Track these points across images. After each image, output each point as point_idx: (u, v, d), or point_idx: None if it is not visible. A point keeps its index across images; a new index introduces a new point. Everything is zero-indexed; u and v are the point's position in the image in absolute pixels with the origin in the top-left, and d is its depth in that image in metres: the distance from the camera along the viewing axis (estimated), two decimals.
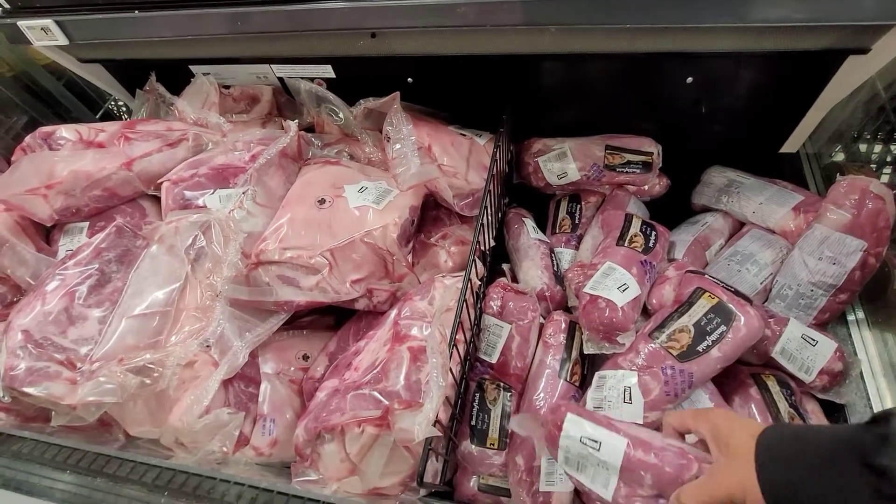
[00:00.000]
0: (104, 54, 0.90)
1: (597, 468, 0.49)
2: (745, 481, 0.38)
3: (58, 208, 0.73)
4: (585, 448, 0.49)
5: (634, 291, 0.64)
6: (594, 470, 0.49)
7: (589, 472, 0.50)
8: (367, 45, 0.74)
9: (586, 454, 0.50)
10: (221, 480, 0.61)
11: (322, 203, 0.72)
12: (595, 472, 0.49)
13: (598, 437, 0.49)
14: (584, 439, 0.49)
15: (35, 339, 0.54)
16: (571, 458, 0.51)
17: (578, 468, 0.50)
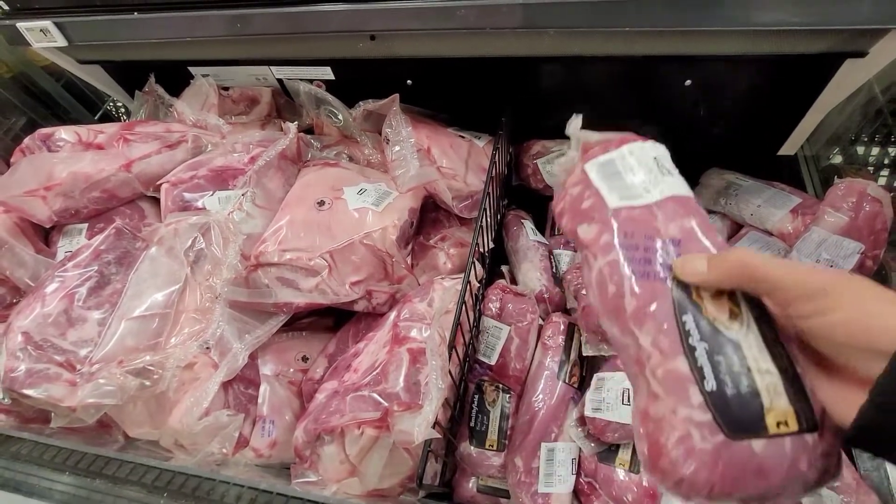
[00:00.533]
0: (103, 56, 0.90)
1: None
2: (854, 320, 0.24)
3: (57, 210, 0.73)
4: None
5: None
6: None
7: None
8: (367, 47, 0.74)
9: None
10: (221, 482, 0.61)
11: (321, 205, 0.72)
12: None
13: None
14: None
15: (35, 341, 0.54)
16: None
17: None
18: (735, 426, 0.26)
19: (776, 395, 0.26)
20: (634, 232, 0.32)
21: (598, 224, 0.34)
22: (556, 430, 0.63)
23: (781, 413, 0.26)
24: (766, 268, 0.27)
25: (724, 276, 0.29)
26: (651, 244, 0.32)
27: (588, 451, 0.61)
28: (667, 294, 0.30)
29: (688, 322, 0.29)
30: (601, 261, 0.33)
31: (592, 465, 0.61)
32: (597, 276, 0.33)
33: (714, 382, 0.26)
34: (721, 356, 0.27)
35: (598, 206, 0.35)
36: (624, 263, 0.32)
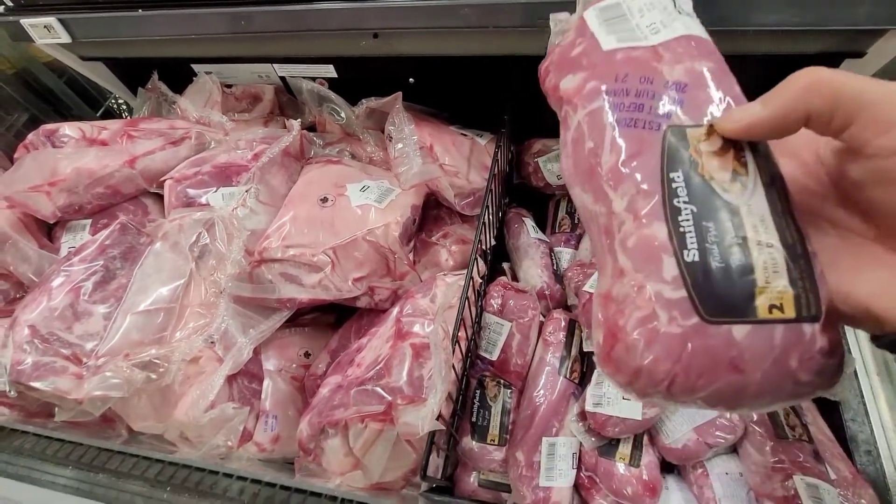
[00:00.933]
0: (106, 52, 0.90)
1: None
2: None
3: (61, 205, 0.73)
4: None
5: None
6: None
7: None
8: (370, 45, 0.75)
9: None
10: (224, 475, 0.61)
11: (324, 201, 0.73)
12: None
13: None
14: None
15: (41, 335, 0.55)
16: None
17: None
18: (715, 306, 0.20)
19: (774, 274, 0.21)
20: (629, 75, 0.26)
21: (585, 71, 0.28)
22: (557, 425, 0.63)
23: (777, 295, 0.20)
24: (856, 83, 0.20)
25: (790, 103, 0.21)
26: (647, 88, 0.26)
27: (589, 446, 0.62)
28: (656, 146, 0.24)
29: (676, 179, 0.23)
30: (581, 112, 0.27)
31: (593, 459, 0.62)
32: (574, 133, 0.27)
33: (697, 252, 0.21)
34: (712, 222, 0.22)
35: (589, 51, 0.29)
36: (609, 111, 0.26)
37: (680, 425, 0.60)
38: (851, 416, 0.65)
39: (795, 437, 0.57)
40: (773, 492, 0.54)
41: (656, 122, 0.25)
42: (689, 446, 0.59)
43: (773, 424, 0.58)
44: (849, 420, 0.65)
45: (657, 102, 0.25)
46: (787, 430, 0.57)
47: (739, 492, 0.57)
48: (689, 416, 0.60)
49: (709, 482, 0.59)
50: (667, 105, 0.25)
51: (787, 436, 0.57)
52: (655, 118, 0.25)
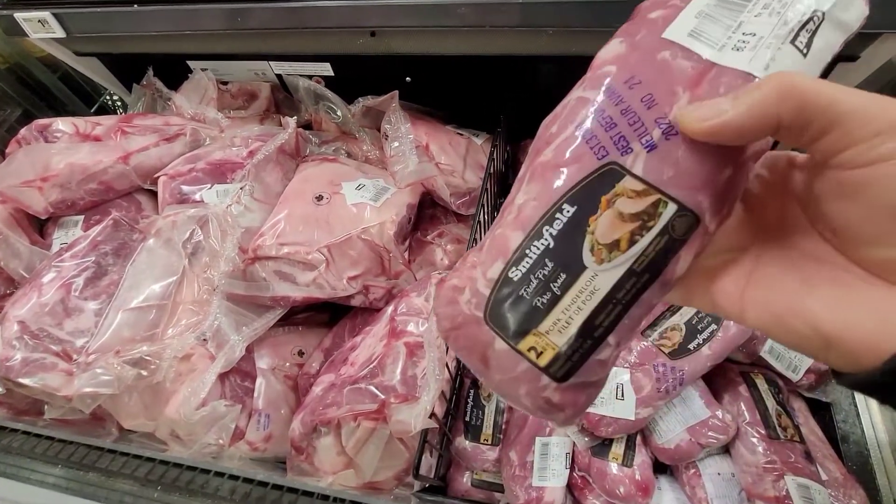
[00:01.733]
0: (101, 48, 0.90)
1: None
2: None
3: (53, 201, 0.73)
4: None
5: None
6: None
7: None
8: (367, 43, 0.75)
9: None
10: (215, 474, 0.61)
11: (319, 200, 0.72)
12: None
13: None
14: None
15: (31, 330, 0.54)
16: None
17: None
18: (496, 317, 0.23)
19: (557, 332, 0.22)
20: (641, 84, 0.23)
21: (633, 47, 0.24)
22: (551, 425, 0.63)
23: (544, 344, 0.23)
24: (831, 92, 0.19)
25: (762, 108, 0.19)
26: (638, 111, 0.22)
27: (582, 446, 0.62)
28: (583, 170, 0.23)
29: (565, 213, 0.22)
30: (577, 92, 0.25)
31: (586, 459, 0.62)
32: (560, 107, 0.25)
33: (519, 275, 0.23)
34: (551, 265, 0.22)
35: (660, 24, 0.24)
36: (591, 111, 0.23)
37: (673, 426, 0.60)
38: (843, 418, 0.65)
39: (787, 438, 0.57)
40: (764, 492, 0.54)
41: (607, 151, 0.22)
42: (681, 446, 0.59)
43: (765, 425, 0.58)
44: (840, 421, 0.65)
45: (629, 134, 0.22)
46: (779, 431, 0.58)
47: (731, 492, 0.57)
48: (682, 416, 0.60)
49: (701, 482, 0.59)
50: (635, 143, 0.22)
51: (779, 436, 0.57)
52: (611, 148, 0.22)
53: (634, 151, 0.22)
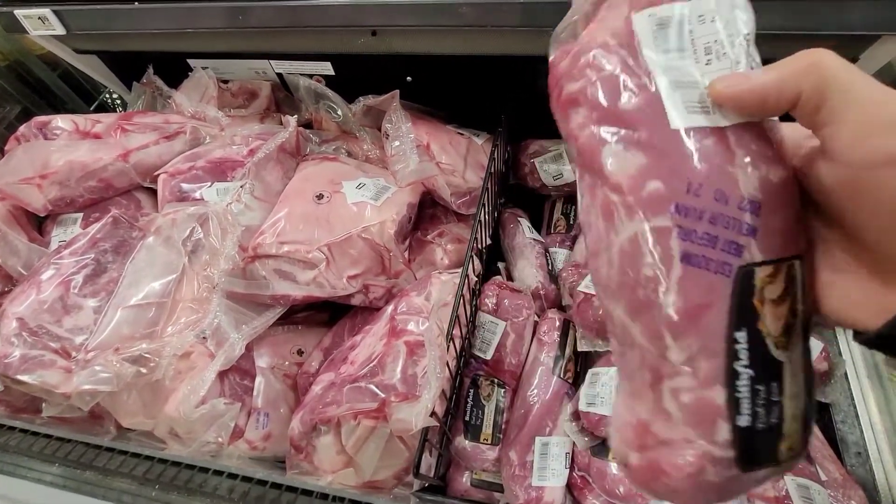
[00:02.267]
0: (101, 46, 0.90)
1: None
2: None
3: (52, 198, 0.73)
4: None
5: None
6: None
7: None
8: (368, 42, 0.75)
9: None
10: (214, 473, 0.60)
11: (320, 198, 0.72)
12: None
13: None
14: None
15: (30, 327, 0.54)
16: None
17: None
18: (751, 461, 0.22)
19: (794, 420, 0.22)
20: (703, 186, 0.21)
21: (650, 150, 0.22)
22: (551, 425, 0.63)
23: (793, 438, 0.23)
24: (849, 77, 0.19)
25: (786, 79, 0.20)
26: (721, 212, 0.21)
27: (582, 446, 0.62)
28: (725, 298, 0.21)
29: (741, 340, 0.22)
30: (640, 224, 0.22)
31: (586, 459, 0.62)
32: (627, 243, 0.23)
33: (748, 418, 0.22)
34: (763, 385, 0.22)
35: (650, 114, 0.23)
36: (677, 239, 0.22)
37: None
38: (842, 419, 0.66)
39: None
40: (764, 492, 0.54)
41: (729, 263, 0.21)
42: None
43: None
44: (839, 422, 0.66)
45: (732, 235, 0.21)
46: None
47: None
48: None
49: None
50: (741, 237, 0.21)
51: None
52: (728, 258, 0.21)
53: (745, 245, 0.22)
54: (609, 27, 0.25)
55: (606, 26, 0.25)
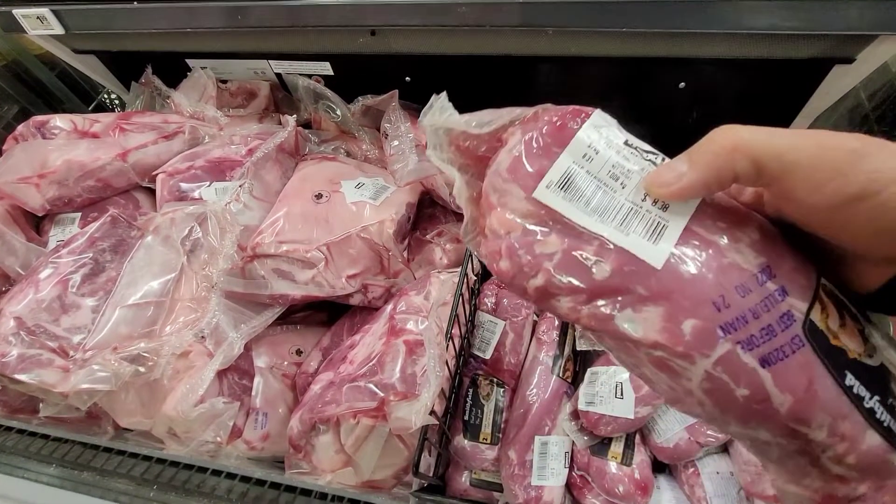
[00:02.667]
0: (100, 45, 0.89)
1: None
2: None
3: (50, 198, 0.72)
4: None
5: None
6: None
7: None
8: (367, 42, 0.75)
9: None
10: (212, 473, 0.60)
11: (319, 198, 0.72)
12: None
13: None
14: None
15: (27, 326, 0.53)
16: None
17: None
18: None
19: None
20: (724, 296, 0.22)
21: (658, 299, 0.22)
22: (550, 424, 0.63)
23: None
24: (777, 144, 0.20)
25: (718, 165, 0.21)
26: (753, 303, 0.22)
27: (581, 445, 0.62)
28: (813, 361, 0.22)
29: (851, 382, 0.22)
30: (705, 359, 0.22)
31: (585, 458, 0.62)
32: (705, 383, 0.22)
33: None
34: (888, 396, 0.22)
35: (631, 269, 0.23)
36: (744, 354, 0.21)
37: (672, 424, 0.60)
38: None
39: None
40: (763, 491, 0.54)
41: (795, 335, 0.22)
42: (680, 445, 0.59)
43: None
44: None
45: (776, 311, 0.22)
46: None
47: (730, 491, 0.58)
48: (680, 415, 0.61)
49: (700, 481, 0.59)
50: (782, 305, 0.22)
51: None
52: (790, 331, 0.22)
53: (790, 307, 0.22)
54: (517, 211, 0.24)
55: (513, 211, 0.24)
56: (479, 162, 0.27)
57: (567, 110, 0.26)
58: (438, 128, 0.27)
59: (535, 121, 0.26)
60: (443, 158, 0.27)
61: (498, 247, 0.24)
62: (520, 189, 0.24)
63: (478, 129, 0.26)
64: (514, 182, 0.24)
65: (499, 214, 0.25)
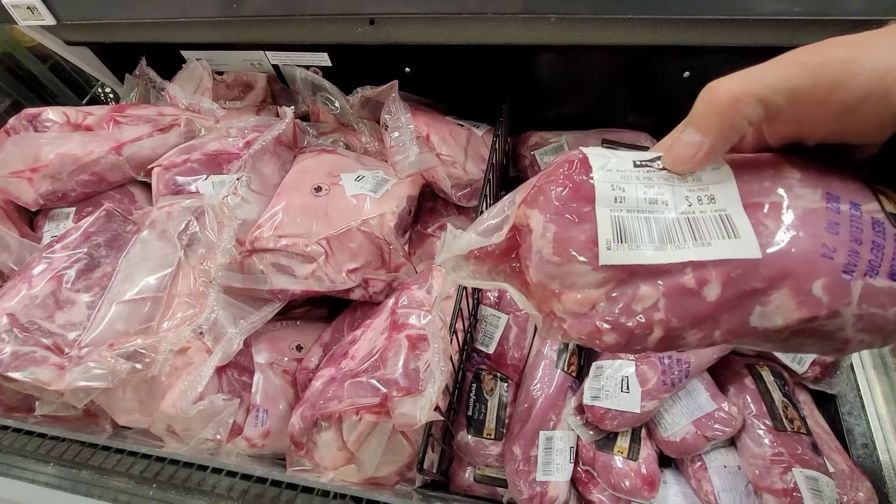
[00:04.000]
0: (92, 37, 0.88)
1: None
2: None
3: (43, 192, 0.71)
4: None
5: None
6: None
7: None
8: (365, 32, 0.73)
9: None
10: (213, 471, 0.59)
11: (318, 191, 0.71)
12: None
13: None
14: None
15: (21, 323, 0.52)
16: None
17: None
18: None
19: None
20: (828, 242, 0.22)
21: (782, 289, 0.22)
22: (555, 419, 0.62)
23: None
24: (766, 81, 0.21)
25: (729, 124, 0.22)
26: (846, 231, 0.22)
27: (587, 439, 0.61)
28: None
29: None
30: (849, 310, 0.22)
31: (590, 453, 0.61)
32: (857, 326, 0.22)
33: None
34: None
35: (746, 273, 0.22)
36: (873, 281, 0.22)
37: (678, 418, 0.59)
38: (848, 410, 0.65)
39: (794, 430, 0.57)
40: (772, 485, 0.54)
41: (892, 235, 0.22)
42: (687, 439, 0.58)
43: (771, 417, 0.58)
44: (845, 413, 0.65)
45: (865, 226, 0.22)
46: (786, 423, 0.57)
47: (738, 485, 0.57)
48: (687, 409, 0.60)
49: (707, 475, 0.58)
50: (864, 217, 0.22)
51: (786, 428, 0.57)
52: (886, 234, 0.22)
53: (868, 210, 0.23)
54: (590, 285, 0.23)
55: (585, 287, 0.23)
56: (500, 258, 0.26)
57: (562, 167, 0.24)
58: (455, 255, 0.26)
59: (541, 194, 0.24)
60: (469, 276, 0.26)
61: (593, 325, 0.23)
62: (581, 265, 0.23)
63: (497, 239, 0.25)
64: (569, 262, 0.23)
65: (572, 297, 0.23)
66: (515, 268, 0.26)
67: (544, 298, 0.24)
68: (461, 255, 0.26)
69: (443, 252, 0.26)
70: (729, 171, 0.24)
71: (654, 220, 0.23)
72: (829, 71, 0.21)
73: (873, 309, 0.21)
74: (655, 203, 0.23)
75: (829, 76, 0.21)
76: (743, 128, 0.22)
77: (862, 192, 0.23)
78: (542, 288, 0.24)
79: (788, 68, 0.21)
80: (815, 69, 0.21)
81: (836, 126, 0.22)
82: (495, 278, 0.26)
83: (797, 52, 0.22)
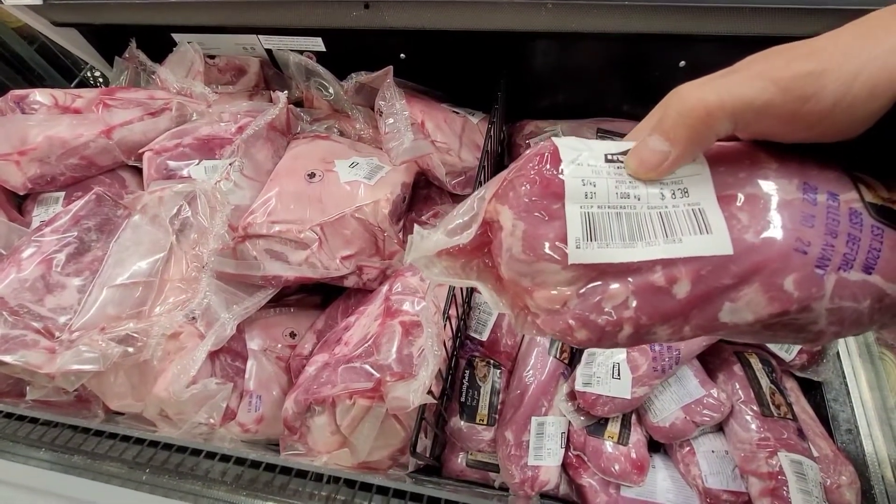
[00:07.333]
0: (80, 18, 0.86)
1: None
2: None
3: (31, 176, 0.70)
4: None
5: None
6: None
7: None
8: (360, 16, 0.72)
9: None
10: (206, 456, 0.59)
11: (312, 177, 0.70)
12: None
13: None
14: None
15: (10, 307, 0.52)
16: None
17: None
18: None
19: None
20: (802, 236, 0.22)
21: (753, 284, 0.22)
22: (547, 405, 0.63)
23: None
24: (741, 96, 0.21)
25: (698, 135, 0.22)
26: (821, 223, 0.22)
27: (578, 425, 0.62)
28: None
29: None
30: (821, 304, 0.21)
31: (581, 438, 0.62)
32: (830, 318, 0.22)
33: None
34: None
35: (716, 269, 0.22)
36: (846, 274, 0.22)
37: (668, 404, 0.60)
38: (833, 396, 0.66)
39: (780, 416, 0.58)
40: (758, 468, 0.55)
41: (868, 226, 0.22)
42: (676, 425, 0.59)
43: (758, 403, 0.59)
44: (831, 400, 0.66)
45: (842, 217, 0.22)
46: (773, 409, 0.58)
47: (725, 469, 0.58)
48: (677, 395, 0.61)
49: (695, 460, 0.59)
50: (841, 207, 0.22)
51: (773, 414, 0.58)
52: (863, 225, 0.22)
53: (856, 195, 0.23)
54: (560, 283, 0.23)
55: (556, 285, 0.23)
56: (472, 253, 0.25)
57: (532, 161, 0.24)
58: (426, 255, 0.25)
59: (511, 189, 0.24)
60: (442, 273, 0.25)
61: (565, 322, 0.23)
62: (550, 263, 0.23)
63: (467, 237, 0.24)
64: (539, 260, 0.23)
65: (542, 294, 0.23)
66: (489, 263, 0.25)
67: (517, 294, 0.24)
68: (434, 256, 0.25)
69: (410, 253, 0.25)
70: (703, 162, 0.23)
71: (626, 215, 0.23)
72: (800, 85, 0.21)
73: (846, 303, 0.21)
74: (627, 197, 0.23)
75: (801, 90, 0.21)
76: (711, 141, 0.22)
77: (841, 180, 0.23)
78: (514, 284, 0.24)
79: (761, 83, 0.21)
80: (787, 84, 0.21)
81: (809, 133, 0.22)
82: (469, 275, 0.26)
83: (765, 64, 0.22)
